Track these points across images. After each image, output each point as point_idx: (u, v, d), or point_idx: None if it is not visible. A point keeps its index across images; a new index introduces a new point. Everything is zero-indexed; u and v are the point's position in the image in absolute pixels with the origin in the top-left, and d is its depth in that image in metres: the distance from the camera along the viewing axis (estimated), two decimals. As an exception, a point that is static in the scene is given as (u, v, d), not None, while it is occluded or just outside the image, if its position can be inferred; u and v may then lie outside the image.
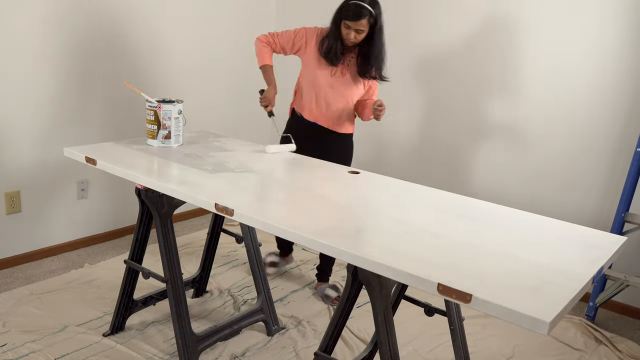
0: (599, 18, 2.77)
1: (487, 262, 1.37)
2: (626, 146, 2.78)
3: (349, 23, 2.38)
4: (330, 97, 2.59)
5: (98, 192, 3.30)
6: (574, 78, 2.89)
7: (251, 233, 2.47)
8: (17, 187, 2.91)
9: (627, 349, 2.51)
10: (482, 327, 2.64)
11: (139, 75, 3.32)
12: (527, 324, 1.13)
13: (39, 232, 3.06)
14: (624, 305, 2.91)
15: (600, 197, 2.90)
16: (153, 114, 2.30)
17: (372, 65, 2.51)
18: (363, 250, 1.40)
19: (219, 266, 3.10)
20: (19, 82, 2.81)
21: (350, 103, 2.62)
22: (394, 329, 1.65)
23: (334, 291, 2.83)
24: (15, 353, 2.21)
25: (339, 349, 2.39)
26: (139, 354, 2.26)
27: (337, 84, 2.58)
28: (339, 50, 2.48)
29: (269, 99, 2.57)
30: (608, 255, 1.48)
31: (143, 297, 2.43)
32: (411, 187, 1.99)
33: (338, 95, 2.59)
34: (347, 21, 2.38)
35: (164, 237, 2.12)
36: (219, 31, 3.72)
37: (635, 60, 2.70)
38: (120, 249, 3.29)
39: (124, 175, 1.99)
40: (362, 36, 2.43)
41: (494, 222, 1.67)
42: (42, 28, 2.83)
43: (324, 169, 2.17)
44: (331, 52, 2.49)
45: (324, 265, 2.90)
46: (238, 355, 2.31)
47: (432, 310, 2.07)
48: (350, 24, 2.38)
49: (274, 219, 1.57)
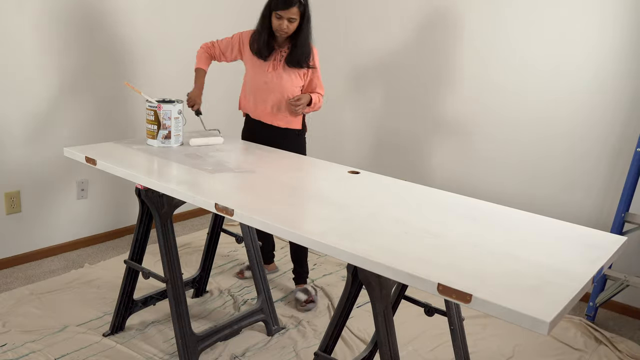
0: (600, 19, 2.77)
1: (487, 262, 1.37)
2: (626, 146, 2.78)
3: (281, 12, 2.41)
4: (265, 93, 2.62)
5: (98, 192, 3.30)
6: (574, 78, 2.89)
7: (251, 233, 2.47)
8: (17, 187, 2.91)
9: (627, 349, 2.51)
10: (482, 327, 2.64)
11: (139, 75, 3.32)
12: (527, 324, 1.13)
13: (39, 232, 3.06)
14: (624, 305, 2.91)
15: (600, 197, 2.90)
16: (153, 114, 2.30)
17: (300, 53, 2.53)
18: (363, 250, 1.40)
19: (219, 266, 3.11)
20: (19, 82, 2.81)
21: (285, 96, 2.61)
22: (394, 329, 1.65)
23: (303, 294, 2.75)
24: (15, 353, 2.21)
25: (339, 349, 2.39)
26: (139, 354, 2.26)
27: (271, 79, 2.59)
28: (268, 42, 2.52)
29: (193, 98, 2.59)
30: (608, 255, 1.48)
31: (143, 297, 2.43)
32: (411, 187, 1.99)
33: (272, 90, 2.61)
34: (278, 11, 2.41)
35: (164, 237, 2.12)
36: (219, 31, 3.72)
37: (636, 61, 2.70)
38: (120, 249, 3.29)
39: (124, 175, 1.99)
40: (294, 25, 2.46)
41: (494, 222, 1.67)
42: (42, 28, 2.83)
43: (323, 169, 2.17)
44: (260, 45, 2.52)
45: (295, 266, 2.86)
46: (238, 355, 2.31)
47: (432, 310, 2.07)
48: (281, 13, 2.41)
49: (273, 219, 1.57)
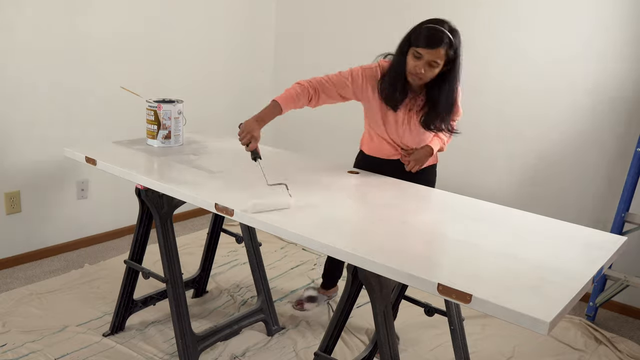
0: (600, 17, 2.76)
1: (487, 262, 1.37)
2: (626, 146, 2.78)
3: (422, 51, 1.87)
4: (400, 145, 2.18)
5: (98, 192, 3.30)
6: (574, 77, 2.89)
7: (251, 233, 2.47)
8: (17, 187, 2.91)
9: (627, 349, 2.51)
10: (482, 327, 2.64)
11: (139, 75, 3.32)
12: (527, 324, 1.13)
13: (39, 232, 3.06)
14: (624, 305, 2.91)
15: (600, 197, 2.90)
16: (153, 114, 2.30)
17: (441, 113, 2.03)
18: (363, 250, 1.40)
19: (219, 266, 3.10)
20: (19, 82, 2.81)
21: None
22: (394, 329, 1.65)
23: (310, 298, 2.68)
24: (15, 353, 2.21)
25: (339, 349, 2.39)
26: (139, 354, 2.26)
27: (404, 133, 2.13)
28: (403, 89, 1.99)
29: (250, 132, 1.92)
30: (608, 255, 1.48)
31: (143, 297, 2.43)
32: (411, 187, 1.99)
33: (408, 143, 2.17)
34: (418, 48, 1.88)
35: (164, 237, 2.12)
36: (219, 31, 3.72)
37: (636, 60, 2.70)
38: (120, 249, 3.29)
39: (124, 175, 1.99)
40: (435, 72, 1.92)
41: (494, 222, 1.67)
42: (42, 27, 2.83)
43: (323, 169, 2.17)
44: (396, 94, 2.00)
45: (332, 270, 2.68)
46: (238, 355, 2.31)
47: (432, 310, 2.07)
48: (422, 52, 1.87)
49: (273, 219, 1.57)
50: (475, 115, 3.26)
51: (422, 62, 1.89)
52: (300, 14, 3.95)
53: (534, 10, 2.95)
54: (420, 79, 1.94)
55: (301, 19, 3.95)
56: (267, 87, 4.12)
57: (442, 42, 1.85)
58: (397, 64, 1.97)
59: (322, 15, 3.82)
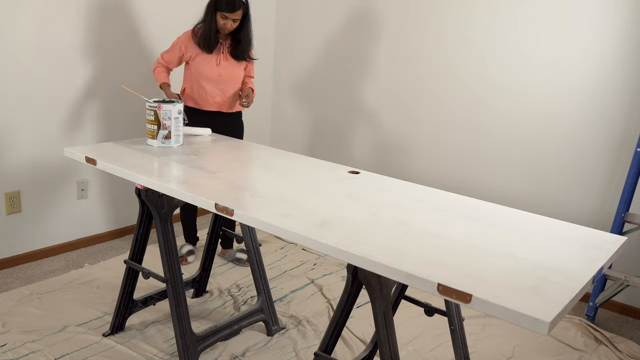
0: (600, 16, 2.77)
1: (487, 262, 1.37)
2: (626, 146, 2.78)
3: (227, 14, 2.71)
4: (222, 84, 2.91)
5: (98, 192, 3.30)
6: (573, 77, 2.89)
7: (251, 233, 2.47)
8: (17, 187, 2.91)
9: (627, 349, 2.51)
10: (482, 327, 2.64)
11: (139, 75, 3.32)
12: (527, 324, 1.13)
13: (39, 232, 3.06)
14: (624, 305, 2.91)
15: (600, 197, 2.90)
16: (153, 114, 2.30)
17: (245, 48, 2.89)
18: (363, 250, 1.40)
19: (219, 266, 3.11)
20: (19, 82, 2.81)
21: (238, 86, 2.98)
22: (394, 329, 1.65)
23: (243, 254, 3.12)
24: (15, 353, 2.21)
25: (339, 349, 2.39)
26: (139, 354, 2.26)
27: (224, 71, 2.89)
28: (214, 38, 2.81)
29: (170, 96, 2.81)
30: (608, 255, 1.48)
31: (143, 297, 2.43)
32: (411, 186, 1.99)
33: (228, 81, 2.92)
34: (224, 12, 2.70)
35: (164, 237, 2.12)
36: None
37: (636, 59, 2.70)
38: (120, 249, 3.29)
39: (124, 175, 1.99)
40: (237, 24, 2.79)
41: (494, 222, 1.67)
42: (42, 28, 2.83)
43: (323, 169, 2.17)
44: (208, 40, 2.79)
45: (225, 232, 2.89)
46: (238, 355, 2.31)
47: (432, 310, 2.07)
48: (227, 14, 2.71)
49: (273, 219, 1.57)
50: (476, 115, 3.26)
51: (228, 20, 2.74)
52: (300, 13, 3.95)
53: (534, 8, 2.95)
54: (229, 30, 2.80)
55: (301, 18, 3.95)
56: (268, 86, 4.12)
57: (238, 6, 2.71)
58: (208, 22, 2.78)
59: (321, 15, 3.82)
